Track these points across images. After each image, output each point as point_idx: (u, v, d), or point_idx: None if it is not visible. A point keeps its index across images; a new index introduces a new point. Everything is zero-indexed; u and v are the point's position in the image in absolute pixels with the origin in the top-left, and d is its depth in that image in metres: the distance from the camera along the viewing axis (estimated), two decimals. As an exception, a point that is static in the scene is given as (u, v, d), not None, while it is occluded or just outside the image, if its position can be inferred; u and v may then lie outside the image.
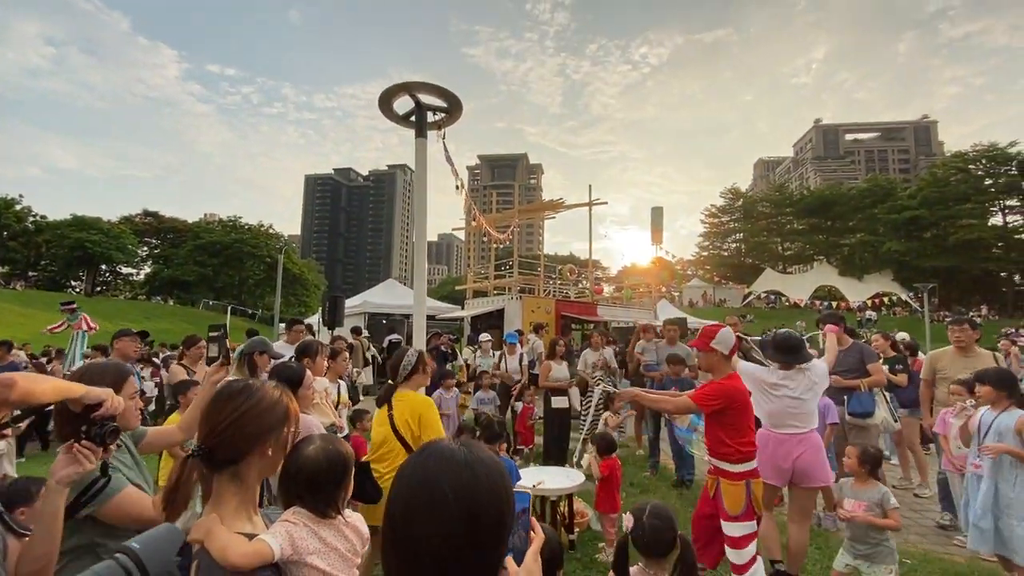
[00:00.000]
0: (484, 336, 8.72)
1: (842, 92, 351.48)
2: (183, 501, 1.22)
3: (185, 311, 44.00)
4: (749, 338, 5.39)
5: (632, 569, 2.01)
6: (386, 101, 3.80)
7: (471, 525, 0.79)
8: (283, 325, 13.07)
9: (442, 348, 9.22)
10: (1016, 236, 42.55)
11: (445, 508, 0.78)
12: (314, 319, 14.37)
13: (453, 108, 3.89)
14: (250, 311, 48.86)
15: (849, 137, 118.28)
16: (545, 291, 16.35)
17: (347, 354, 4.27)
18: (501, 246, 17.53)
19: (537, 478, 3.91)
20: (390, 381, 3.00)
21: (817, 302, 41.63)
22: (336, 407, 3.39)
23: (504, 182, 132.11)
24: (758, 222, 58.53)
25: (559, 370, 6.66)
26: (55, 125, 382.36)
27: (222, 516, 1.13)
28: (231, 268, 52.92)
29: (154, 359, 9.89)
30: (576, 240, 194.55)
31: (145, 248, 55.00)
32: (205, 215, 70.10)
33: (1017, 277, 43.29)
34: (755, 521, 2.99)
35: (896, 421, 5.03)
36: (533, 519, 0.91)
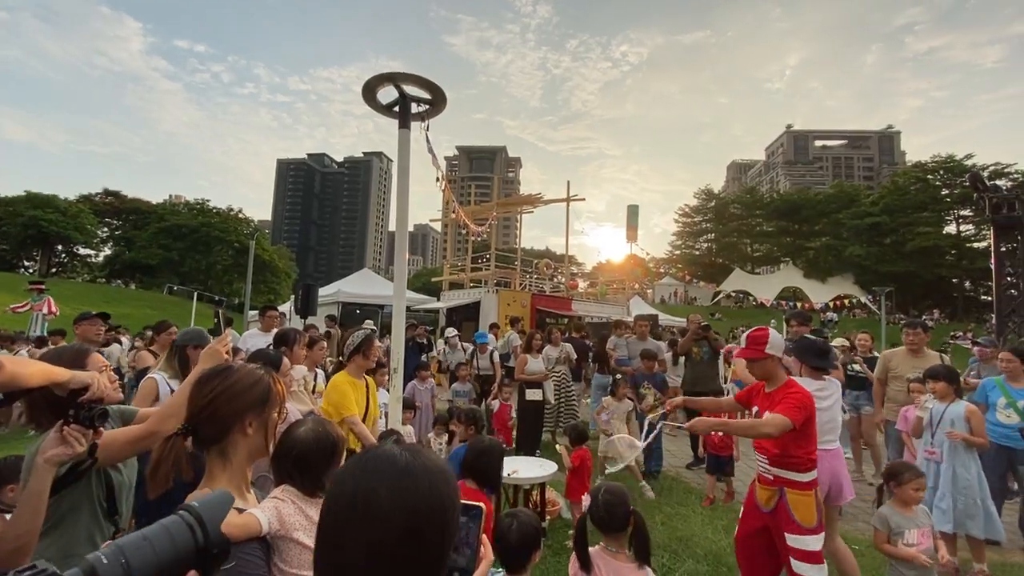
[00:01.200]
0: (450, 331, 8.71)
1: (813, 99, 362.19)
2: (164, 478, 1.25)
3: (148, 296, 42.45)
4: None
5: (592, 550, 2.09)
6: (370, 90, 3.77)
7: (409, 536, 0.73)
8: (255, 313, 12.80)
9: (418, 339, 9.22)
10: (968, 245, 44.78)
11: (380, 517, 0.72)
12: (285, 307, 14.10)
13: (437, 100, 3.89)
14: (217, 297, 47.47)
15: (818, 143, 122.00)
16: (521, 285, 16.47)
17: (324, 343, 4.25)
18: (478, 238, 17.52)
19: (511, 467, 3.99)
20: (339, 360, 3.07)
21: (783, 302, 43.05)
22: (313, 395, 3.39)
23: (483, 174, 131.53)
24: (729, 223, 59.94)
25: (535, 363, 6.76)
26: (5, 96, 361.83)
27: (212, 489, 1.17)
28: (198, 253, 51.24)
29: (120, 339, 9.56)
30: (553, 235, 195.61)
31: (105, 229, 52.76)
32: (170, 196, 67.52)
33: (967, 283, 45.61)
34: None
35: (845, 413, 5.32)
36: (484, 536, 0.82)
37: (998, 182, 39.41)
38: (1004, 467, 4.28)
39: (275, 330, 5.92)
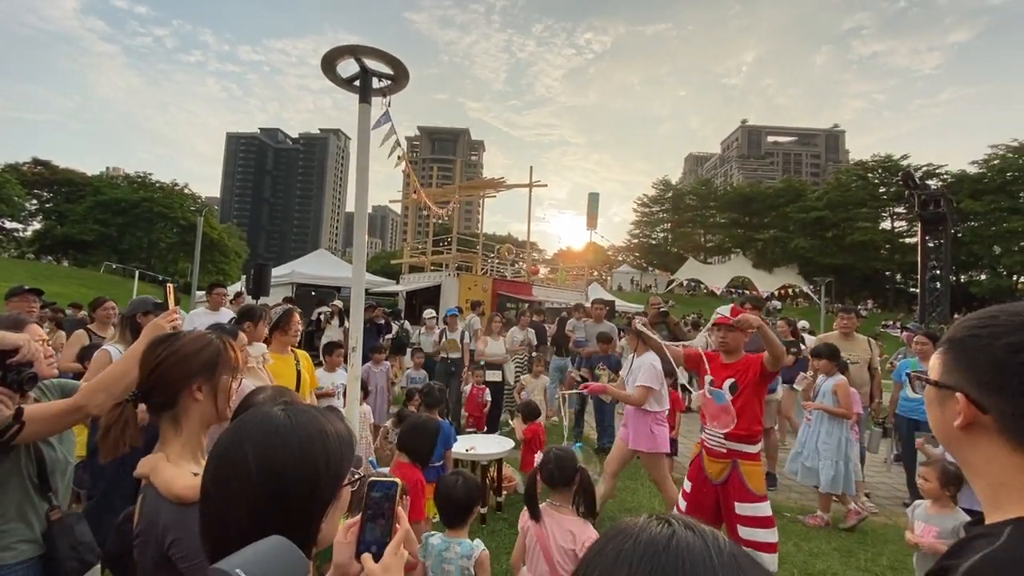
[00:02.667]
0: (428, 312, 8.65)
1: (767, 96, 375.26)
2: (113, 445, 1.24)
3: (83, 274, 39.68)
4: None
5: (542, 506, 2.26)
6: (329, 63, 3.67)
7: (274, 496, 0.75)
8: (202, 293, 12.25)
9: (377, 321, 9.08)
10: (901, 240, 47.98)
11: (247, 476, 0.75)
12: (235, 288, 13.56)
13: (400, 76, 3.83)
14: (161, 277, 44.98)
15: (770, 139, 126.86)
16: (483, 270, 16.47)
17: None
18: (440, 221, 17.35)
19: (469, 444, 4.08)
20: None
21: (732, 290, 44.97)
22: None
23: (445, 156, 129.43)
24: (685, 214, 61.69)
25: (495, 345, 6.84)
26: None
27: (168, 456, 1.17)
28: (139, 229, 48.21)
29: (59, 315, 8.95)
30: (515, 221, 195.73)
31: (34, 201, 48.73)
32: (108, 169, 63.11)
33: (899, 276, 48.91)
34: None
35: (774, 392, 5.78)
36: (399, 509, 0.84)
37: (930, 182, 42.36)
38: (913, 436, 4.77)
39: (223, 309, 5.74)
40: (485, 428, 6.15)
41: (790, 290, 46.17)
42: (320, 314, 11.38)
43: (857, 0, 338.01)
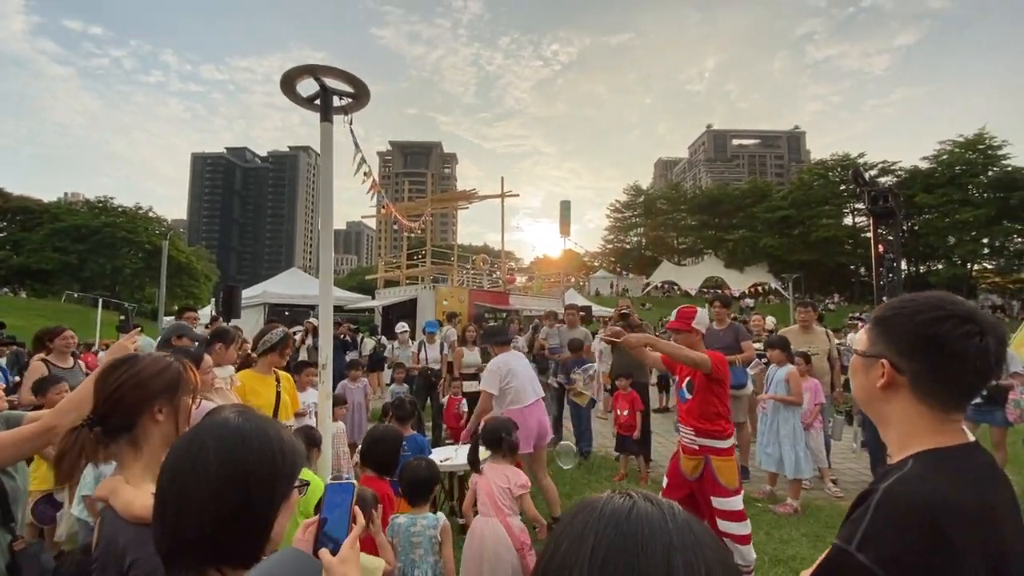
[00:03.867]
0: (401, 326, 8.62)
1: (729, 101, 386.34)
2: (68, 471, 1.25)
3: (43, 305, 38.13)
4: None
5: (483, 464, 2.84)
6: (288, 82, 3.70)
7: (238, 491, 0.78)
8: (170, 319, 11.92)
9: (342, 337, 8.97)
10: (862, 235, 49.78)
11: (209, 472, 0.78)
12: (205, 312, 13.26)
13: (360, 94, 3.88)
14: (127, 304, 43.53)
15: (735, 142, 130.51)
16: (459, 281, 16.49)
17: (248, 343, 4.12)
18: (414, 235, 17.33)
19: (445, 455, 4.09)
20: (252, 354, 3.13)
21: (706, 290, 45.89)
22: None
23: (417, 170, 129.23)
24: (657, 217, 62.83)
25: (471, 356, 6.86)
26: None
27: (127, 478, 1.18)
28: (101, 256, 46.68)
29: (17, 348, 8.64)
30: (490, 231, 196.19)
31: (-14, 231, 46.81)
32: (66, 194, 61.00)
33: (863, 270, 50.68)
34: None
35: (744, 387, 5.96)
36: (356, 508, 0.88)
37: (885, 178, 44.19)
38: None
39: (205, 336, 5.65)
40: (464, 440, 6.16)
41: (761, 287, 47.41)
42: (294, 333, 11.22)
43: (808, 6, 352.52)
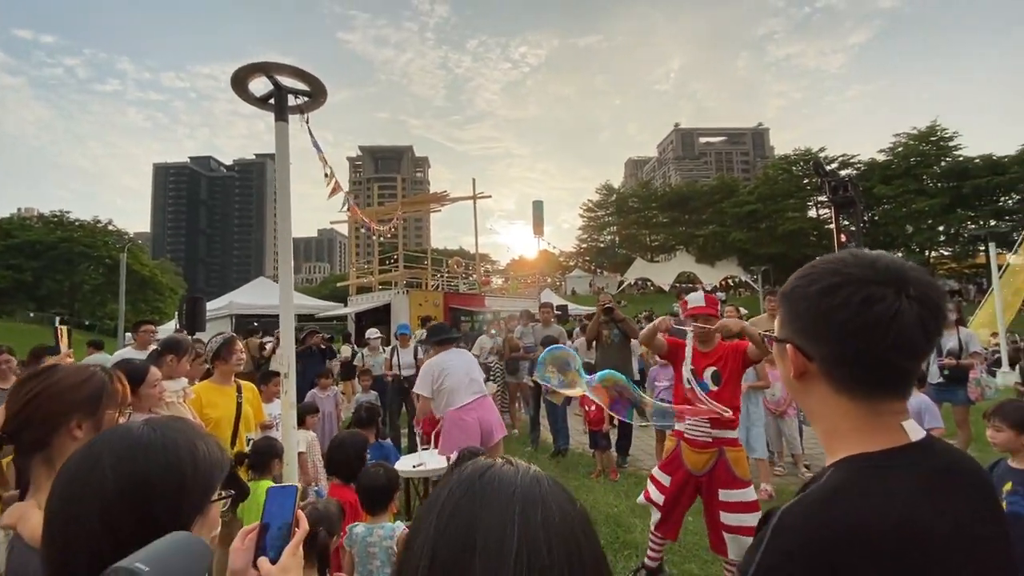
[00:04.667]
0: (372, 332, 8.44)
1: (696, 100, 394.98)
2: None
3: (-4, 325, 36.30)
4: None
5: None
6: (240, 81, 3.55)
7: (136, 509, 0.71)
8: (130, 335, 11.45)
9: (320, 347, 8.72)
10: (826, 226, 51.34)
11: (101, 489, 0.70)
12: (170, 326, 12.79)
13: (317, 92, 3.75)
14: (87, 322, 41.79)
15: (702, 140, 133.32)
16: (433, 285, 16.31)
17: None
18: (386, 240, 17.09)
19: (417, 461, 3.99)
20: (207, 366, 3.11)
21: (678, 285, 46.68)
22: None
23: (389, 174, 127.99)
24: (629, 216, 63.62)
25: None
26: None
27: (40, 502, 1.07)
28: (58, 272, 44.69)
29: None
30: (465, 235, 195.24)
31: (-68, 250, 44.29)
32: (20, 210, 58.23)
33: (827, 260, 52.30)
34: None
35: None
36: (299, 512, 0.85)
37: (845, 171, 45.70)
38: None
39: (153, 347, 5.38)
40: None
41: (731, 280, 48.48)
42: (262, 343, 10.91)
43: (768, 6, 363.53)
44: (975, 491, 0.67)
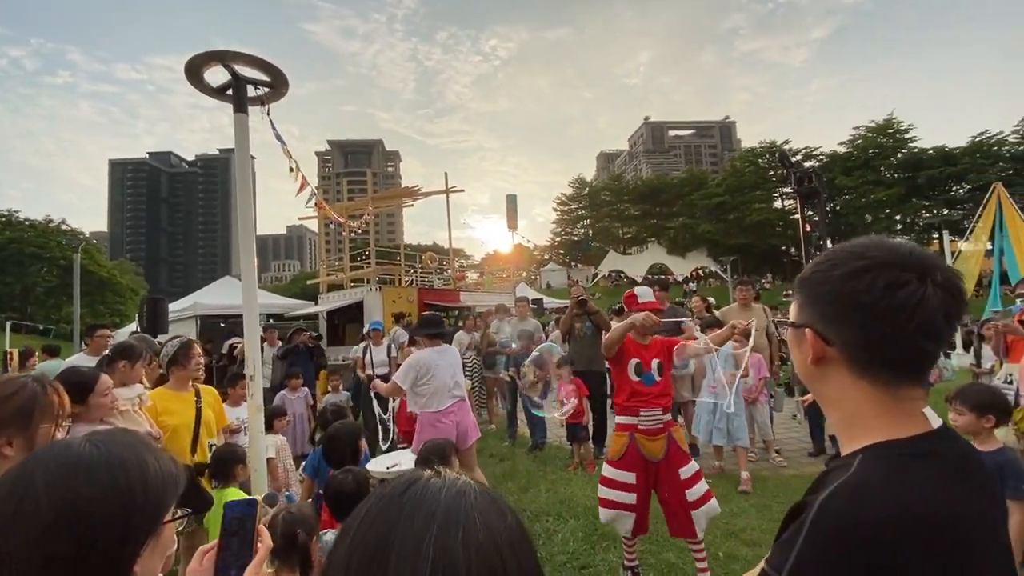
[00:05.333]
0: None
1: (664, 93, 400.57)
2: None
3: (-61, 332, 34.17)
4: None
5: None
6: (195, 71, 3.37)
7: (73, 534, 0.64)
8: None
9: (308, 345, 8.35)
10: (791, 217, 52.92)
11: (36, 511, 0.64)
12: (127, 330, 12.27)
13: (278, 83, 3.59)
14: (41, 326, 39.81)
15: (671, 133, 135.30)
16: (407, 281, 16.08)
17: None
18: (357, 235, 16.76)
19: (393, 461, 3.90)
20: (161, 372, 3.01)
21: (650, 276, 47.44)
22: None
23: (359, 169, 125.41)
24: (601, 209, 64.19)
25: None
26: None
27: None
28: (8, 275, 42.45)
29: None
30: (439, 229, 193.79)
31: None
32: (-38, 210, 54.78)
33: (793, 250, 53.86)
34: None
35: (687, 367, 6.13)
36: (261, 527, 0.81)
37: (809, 162, 47.08)
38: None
39: (106, 353, 5.11)
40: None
41: (701, 271, 49.50)
42: (232, 345, 10.55)
43: (733, 2, 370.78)
44: (986, 476, 0.70)
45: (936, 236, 36.57)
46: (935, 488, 0.63)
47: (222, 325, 13.58)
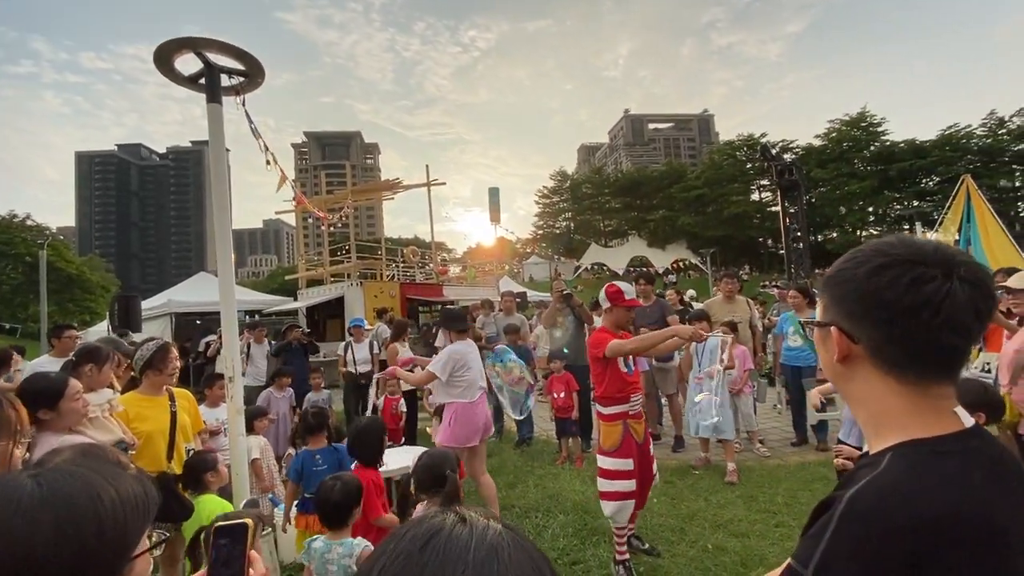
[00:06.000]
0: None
1: (644, 86, 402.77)
2: None
3: None
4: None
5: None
6: (164, 59, 3.21)
7: None
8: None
9: (302, 342, 8.09)
10: (768, 209, 53.85)
11: None
12: (99, 328, 11.85)
13: (253, 72, 3.45)
14: (7, 325, 38.39)
15: (651, 126, 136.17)
16: (389, 275, 15.88)
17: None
18: (336, 229, 16.47)
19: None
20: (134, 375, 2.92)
21: (632, 269, 47.82)
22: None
23: (337, 161, 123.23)
24: (583, 202, 64.39)
25: (406, 352, 6.55)
26: None
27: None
28: (-30, 272, 40.73)
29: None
30: (421, 223, 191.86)
31: None
32: (-84, 204, 52.25)
33: (770, 241, 54.85)
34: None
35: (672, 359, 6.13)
36: (253, 553, 0.78)
37: (786, 155, 47.84)
38: (799, 382, 5.27)
39: (71, 357, 4.88)
40: (403, 440, 5.87)
41: (681, 263, 50.07)
42: (207, 343, 10.25)
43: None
44: (1021, 476, 0.68)
45: (907, 228, 37.55)
46: (967, 487, 0.62)
47: (198, 323, 13.24)
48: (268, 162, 4.39)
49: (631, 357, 3.23)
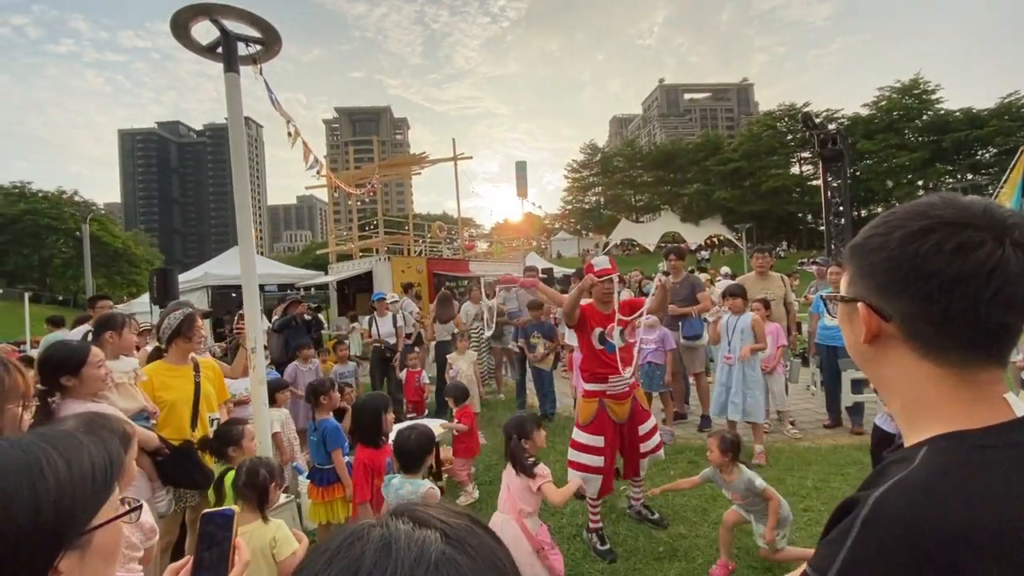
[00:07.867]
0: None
1: (679, 55, 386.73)
2: None
3: (-36, 303, 35.07)
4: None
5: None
6: (181, 26, 3.17)
7: None
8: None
9: (305, 317, 8.35)
10: (809, 183, 51.50)
11: None
12: (142, 300, 12.36)
13: (270, 40, 3.38)
14: (60, 297, 40.71)
15: (687, 96, 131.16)
16: (416, 251, 15.98)
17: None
18: (365, 205, 16.61)
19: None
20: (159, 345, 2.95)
21: (663, 245, 46.78)
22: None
23: (367, 137, 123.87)
24: (614, 176, 62.96)
25: (443, 330, 6.60)
26: None
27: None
28: (25, 247, 43.08)
29: None
30: (449, 199, 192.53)
31: None
32: (-24, 182, 55.37)
33: (810, 217, 52.68)
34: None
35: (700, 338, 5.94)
36: (238, 540, 0.78)
37: (831, 125, 45.36)
38: (835, 362, 5.05)
39: (88, 330, 5.08)
40: (425, 412, 5.94)
41: (716, 239, 48.65)
42: (240, 316, 10.53)
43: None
44: None
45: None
46: (1015, 489, 0.52)
47: (234, 295, 13.65)
48: (289, 134, 4.36)
49: (611, 334, 3.21)
